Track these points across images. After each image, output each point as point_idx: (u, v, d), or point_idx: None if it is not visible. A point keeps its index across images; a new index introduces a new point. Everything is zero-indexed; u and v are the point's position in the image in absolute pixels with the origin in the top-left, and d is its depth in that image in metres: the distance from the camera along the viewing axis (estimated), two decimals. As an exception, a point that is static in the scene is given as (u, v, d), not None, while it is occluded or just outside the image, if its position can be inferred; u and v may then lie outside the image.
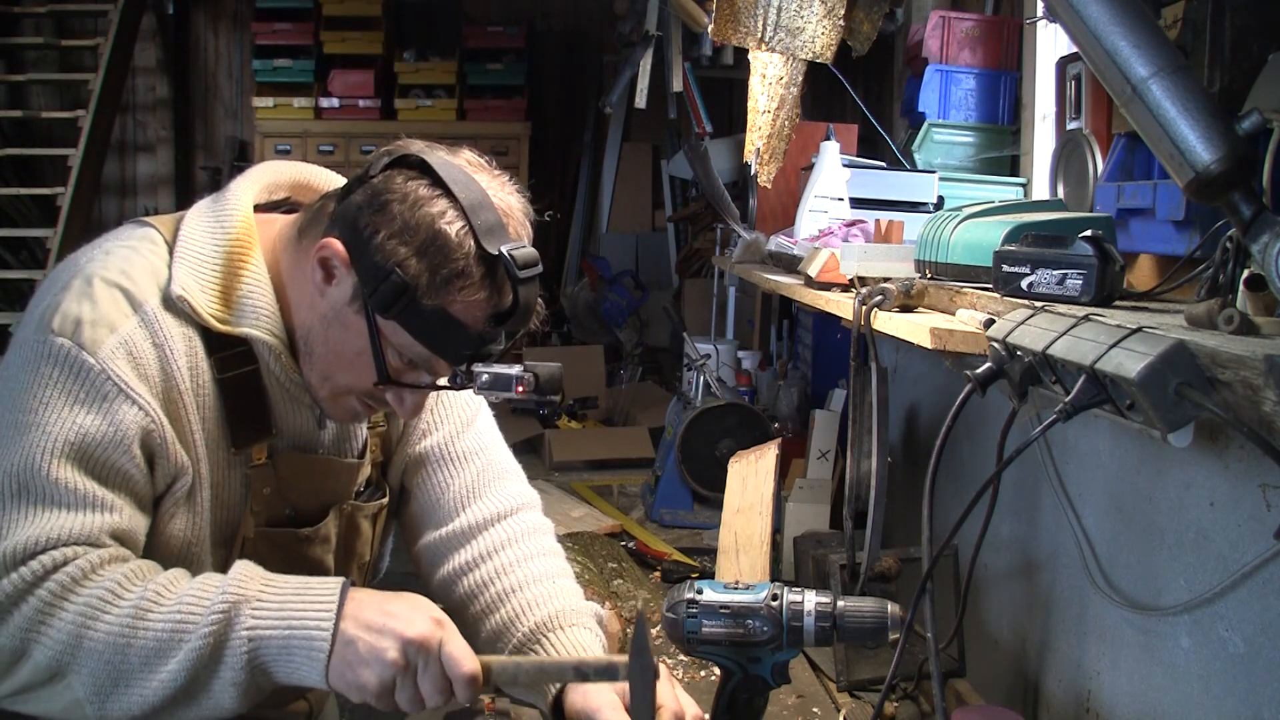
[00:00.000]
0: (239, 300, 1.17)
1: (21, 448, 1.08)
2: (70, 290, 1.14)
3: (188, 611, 1.05)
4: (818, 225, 2.17)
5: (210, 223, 1.20)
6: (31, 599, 1.04)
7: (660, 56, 3.53)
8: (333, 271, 1.15)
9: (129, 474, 1.12)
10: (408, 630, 1.06)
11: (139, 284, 1.15)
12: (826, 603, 1.25)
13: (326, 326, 1.17)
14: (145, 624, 1.05)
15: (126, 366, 1.11)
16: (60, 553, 1.06)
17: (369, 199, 1.13)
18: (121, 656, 1.04)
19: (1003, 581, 1.63)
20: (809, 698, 1.64)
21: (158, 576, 1.09)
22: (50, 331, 1.10)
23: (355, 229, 1.12)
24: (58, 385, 1.10)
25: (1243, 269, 1.03)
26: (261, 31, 5.20)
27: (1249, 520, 1.03)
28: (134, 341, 1.12)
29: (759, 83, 2.40)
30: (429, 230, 1.10)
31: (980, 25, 2.46)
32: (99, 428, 1.10)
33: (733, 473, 2.04)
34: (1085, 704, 1.36)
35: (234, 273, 1.17)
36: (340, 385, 1.20)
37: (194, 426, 1.17)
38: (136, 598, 1.06)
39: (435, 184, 1.13)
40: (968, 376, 1.17)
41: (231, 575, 1.09)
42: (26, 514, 1.07)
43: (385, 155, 1.17)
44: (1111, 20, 1.02)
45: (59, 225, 4.83)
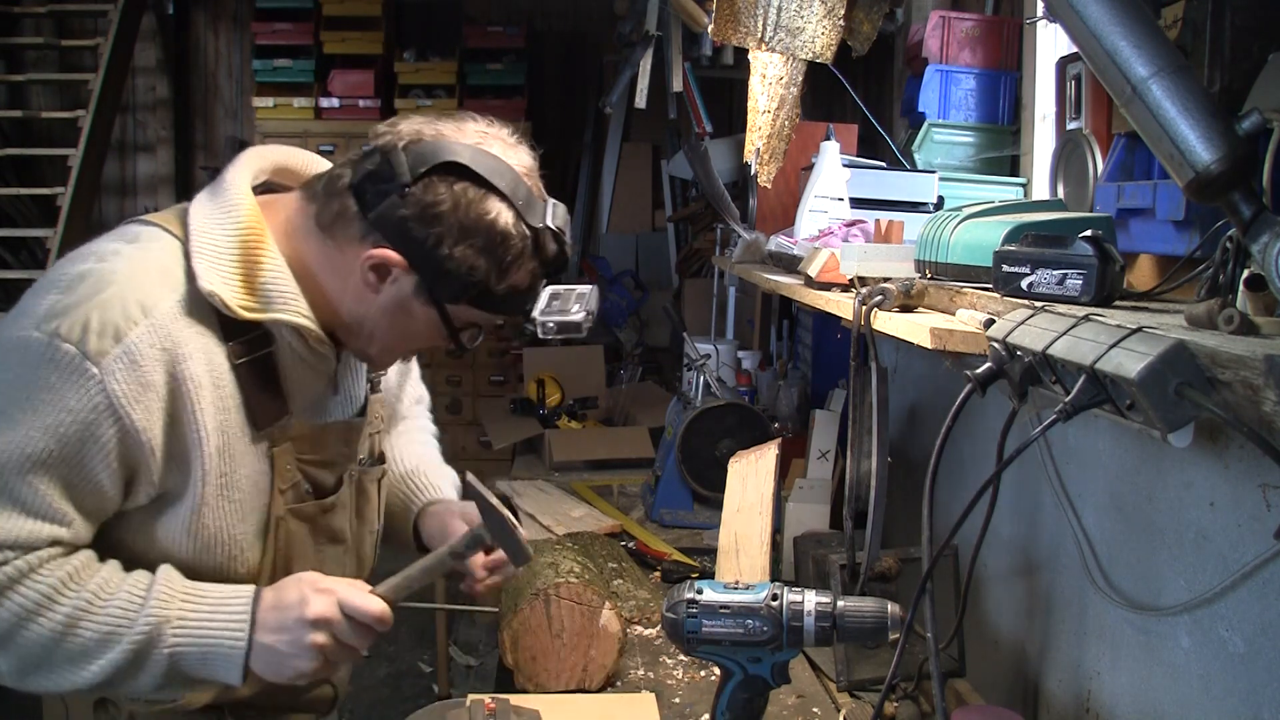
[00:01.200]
0: (263, 287, 1.20)
1: (7, 443, 1.10)
2: (77, 292, 1.14)
3: (115, 624, 1.14)
4: (818, 225, 2.17)
5: (219, 215, 1.22)
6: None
7: (660, 56, 3.53)
8: (387, 275, 1.21)
9: (100, 486, 1.15)
10: (308, 612, 1.17)
11: (149, 287, 1.16)
12: (826, 603, 1.25)
13: (389, 315, 1.25)
14: (75, 631, 1.13)
15: (128, 378, 1.13)
16: (3, 555, 1.11)
17: (419, 211, 1.18)
18: (49, 654, 1.13)
19: (1003, 581, 1.63)
20: (809, 698, 1.64)
21: (91, 581, 1.15)
22: (58, 336, 1.11)
23: (411, 239, 1.19)
24: (54, 391, 1.11)
25: (1243, 269, 1.03)
26: (261, 31, 5.20)
27: (1249, 520, 1.03)
28: (139, 349, 1.13)
29: (759, 83, 2.40)
30: (488, 229, 1.19)
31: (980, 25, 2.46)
32: (82, 440, 1.12)
33: (733, 473, 2.04)
34: (1085, 704, 1.36)
35: (253, 261, 1.20)
36: (405, 351, 1.35)
37: (208, 422, 1.19)
38: (70, 606, 1.13)
39: (477, 183, 1.19)
40: (968, 376, 1.17)
41: (155, 592, 1.16)
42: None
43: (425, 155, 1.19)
44: (1111, 20, 1.02)
45: (59, 225, 4.83)
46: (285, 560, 1.28)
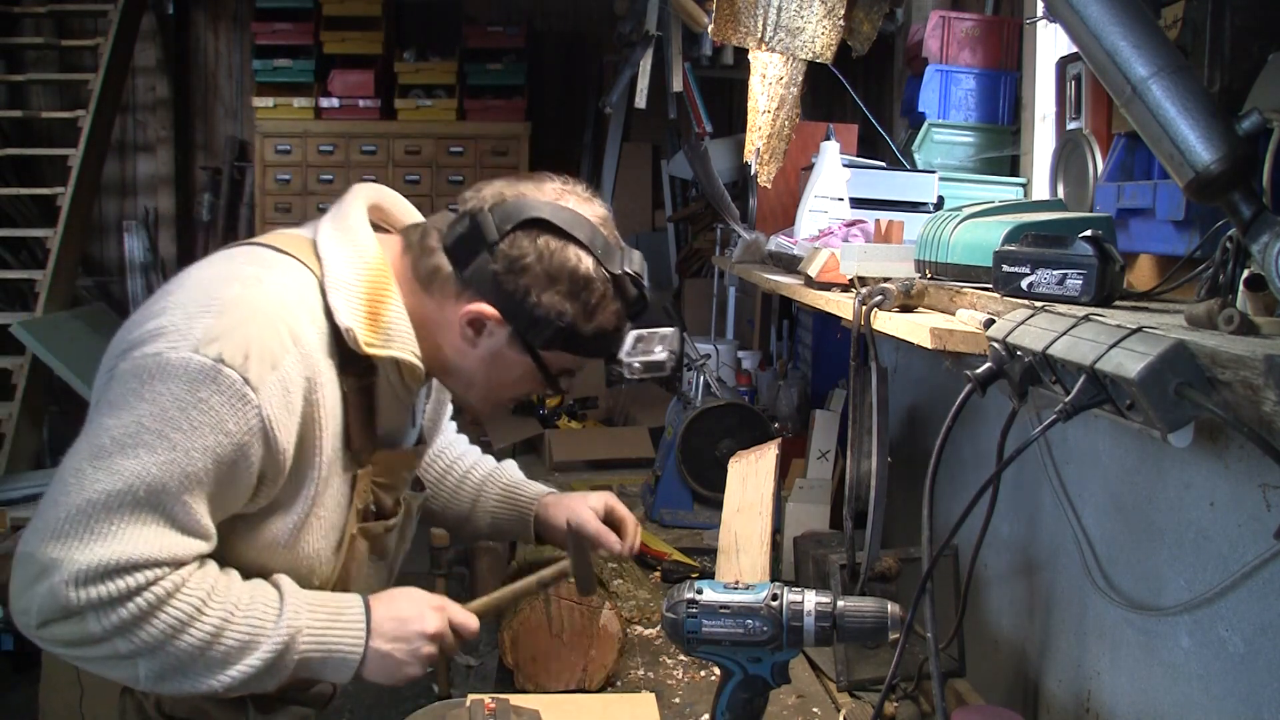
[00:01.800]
0: (386, 326, 1.30)
1: (161, 462, 1.15)
2: (233, 317, 1.20)
3: (254, 634, 1.22)
4: (818, 225, 2.17)
5: (348, 251, 1.32)
6: (130, 605, 1.15)
7: (660, 56, 3.53)
8: (483, 328, 1.33)
9: (237, 499, 1.23)
10: (427, 628, 1.33)
11: (297, 318, 1.24)
12: (826, 603, 1.25)
13: (487, 366, 1.37)
14: (219, 641, 1.20)
15: (279, 404, 1.21)
16: (161, 570, 1.17)
17: (508, 266, 1.29)
18: (193, 662, 1.20)
19: (1003, 581, 1.63)
20: (809, 698, 1.64)
21: (229, 593, 1.22)
22: (222, 361, 1.17)
23: (502, 292, 1.30)
24: (214, 414, 1.17)
25: (1243, 269, 1.03)
26: (261, 31, 5.20)
27: (1249, 520, 1.03)
28: (290, 377, 1.22)
29: (759, 83, 2.40)
30: (571, 275, 1.30)
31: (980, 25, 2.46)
32: (234, 461, 1.19)
33: (733, 473, 2.04)
34: (1085, 704, 1.36)
35: (379, 300, 1.30)
36: (504, 399, 1.44)
37: (325, 445, 1.28)
38: (217, 618, 1.20)
39: (558, 235, 1.30)
40: (968, 376, 1.17)
41: (288, 603, 1.25)
42: (143, 526, 1.15)
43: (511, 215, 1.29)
44: (1111, 20, 1.02)
45: (59, 225, 4.83)
46: (345, 574, 1.38)
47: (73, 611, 1.14)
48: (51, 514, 1.14)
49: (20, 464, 4.56)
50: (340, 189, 1.50)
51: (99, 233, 5.62)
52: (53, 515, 1.14)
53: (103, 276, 5.65)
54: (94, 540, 1.13)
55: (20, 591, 1.15)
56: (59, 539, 1.13)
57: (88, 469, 1.15)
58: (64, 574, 1.12)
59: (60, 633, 1.16)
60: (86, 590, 1.13)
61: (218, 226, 5.64)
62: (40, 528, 1.15)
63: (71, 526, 1.13)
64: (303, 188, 5.20)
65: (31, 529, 1.16)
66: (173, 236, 5.63)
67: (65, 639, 1.16)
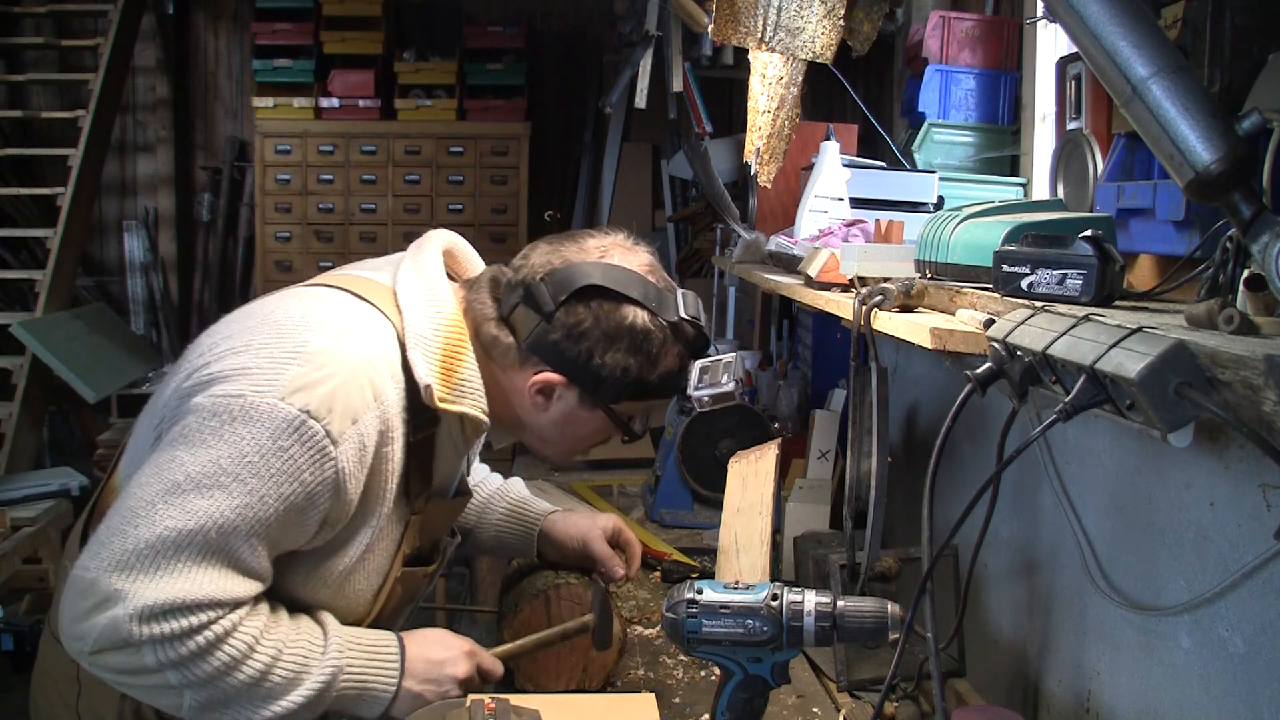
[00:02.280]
0: (459, 383, 1.32)
1: (235, 506, 1.16)
2: (320, 369, 1.21)
3: (299, 670, 1.24)
4: (818, 225, 2.17)
5: (426, 306, 1.34)
6: (190, 643, 1.16)
7: (660, 56, 3.53)
8: (552, 394, 1.37)
9: (298, 541, 1.25)
10: (459, 672, 1.36)
11: (380, 374, 1.26)
12: (826, 603, 1.25)
13: (560, 426, 1.41)
14: (268, 677, 1.21)
15: (354, 458, 1.23)
16: (221, 611, 1.18)
17: (566, 333, 1.33)
18: (241, 696, 1.21)
19: (1003, 581, 1.63)
20: (809, 698, 1.64)
21: (277, 629, 1.24)
22: (309, 413, 1.18)
23: (565, 358, 1.34)
24: (293, 463, 1.18)
25: (1243, 269, 1.03)
26: (261, 31, 5.19)
27: (1249, 520, 1.03)
28: (367, 432, 1.24)
29: (759, 83, 2.40)
30: (630, 333, 1.33)
31: (980, 25, 2.46)
32: (304, 509, 1.21)
33: (733, 473, 2.04)
34: (1085, 704, 1.36)
35: (454, 357, 1.33)
36: (580, 449, 1.49)
37: (388, 494, 1.31)
38: (268, 656, 1.21)
39: (611, 297, 1.33)
40: (968, 376, 1.17)
41: (331, 641, 1.27)
42: (209, 567, 1.17)
43: (564, 284, 1.33)
44: (1111, 20, 1.02)
45: (59, 225, 4.83)
46: (380, 614, 1.40)
47: (132, 644, 1.14)
48: (119, 544, 1.14)
49: (20, 464, 4.56)
50: (340, 189, 1.51)
51: (99, 233, 5.63)
52: (120, 545, 1.14)
53: (103, 276, 5.65)
54: (161, 577, 1.14)
55: (77, 618, 1.15)
56: (125, 571, 1.13)
57: (160, 504, 1.15)
58: (129, 608, 1.13)
59: (114, 661, 1.16)
60: (149, 626, 1.14)
61: (218, 226, 5.64)
62: (105, 556, 1.14)
63: (139, 560, 1.14)
64: (303, 188, 5.20)
65: (93, 555, 1.15)
66: (173, 236, 5.63)
67: (118, 667, 1.17)
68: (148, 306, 5.63)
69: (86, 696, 1.37)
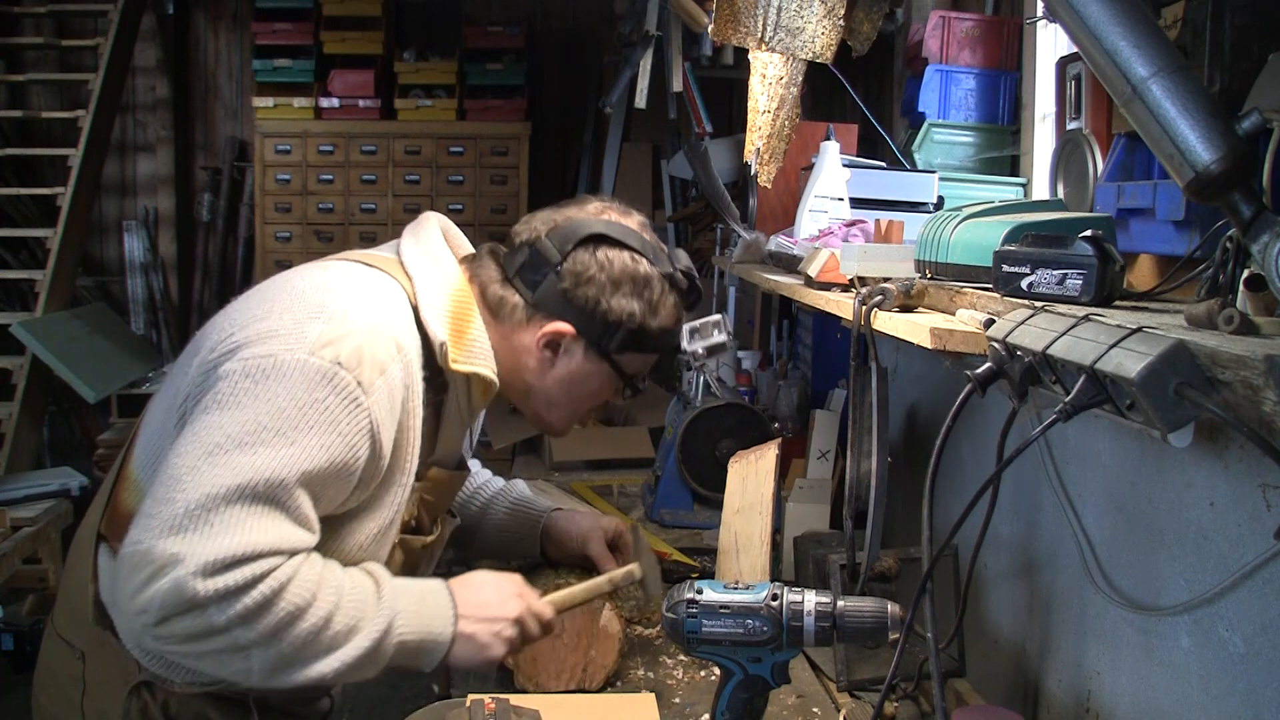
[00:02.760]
0: (469, 344, 1.37)
1: (279, 458, 1.17)
2: (345, 324, 1.25)
3: (358, 618, 1.25)
4: (818, 225, 2.17)
5: (435, 273, 1.39)
6: (253, 593, 1.16)
7: (660, 56, 3.53)
8: (559, 346, 1.42)
9: (340, 496, 1.27)
10: (510, 612, 1.39)
11: (401, 329, 1.31)
12: (826, 603, 1.25)
13: (566, 384, 1.45)
14: (329, 626, 1.22)
15: (385, 408, 1.26)
16: (279, 559, 1.19)
17: (575, 281, 1.39)
18: (307, 648, 1.21)
19: (1003, 581, 1.63)
20: (809, 698, 1.64)
21: (333, 579, 1.25)
22: (339, 364, 1.22)
23: (573, 306, 1.40)
24: (330, 414, 1.21)
25: (1243, 269, 1.03)
26: (261, 31, 5.19)
27: (1249, 520, 1.03)
28: (394, 384, 1.28)
29: (759, 83, 2.40)
30: (633, 278, 1.40)
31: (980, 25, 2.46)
32: (344, 462, 1.23)
33: (733, 473, 2.04)
34: (1085, 704, 1.36)
35: (463, 319, 1.38)
36: (583, 413, 1.53)
37: (414, 450, 1.34)
38: (329, 604, 1.22)
39: (614, 244, 1.40)
40: (968, 376, 1.17)
41: (384, 588, 1.29)
42: (262, 518, 1.17)
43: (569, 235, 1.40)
44: (1111, 20, 1.02)
45: (59, 225, 4.82)
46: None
47: (197, 604, 1.13)
48: (167, 510, 1.14)
49: (20, 464, 4.56)
50: (340, 189, 1.55)
51: (99, 233, 5.62)
52: (169, 512, 1.14)
53: (103, 276, 5.65)
54: (216, 533, 1.14)
55: (135, 591, 1.14)
56: (179, 533, 1.13)
57: (203, 466, 1.16)
58: (189, 567, 1.12)
59: (181, 628, 1.15)
60: (212, 581, 1.13)
61: (218, 226, 5.64)
62: (155, 525, 1.14)
63: (191, 521, 1.14)
64: (303, 188, 5.20)
65: (142, 528, 1.15)
66: (173, 236, 5.63)
67: (186, 633, 1.15)
68: (148, 306, 5.63)
69: (91, 695, 1.37)
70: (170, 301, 5.62)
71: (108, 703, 1.36)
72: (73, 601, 1.41)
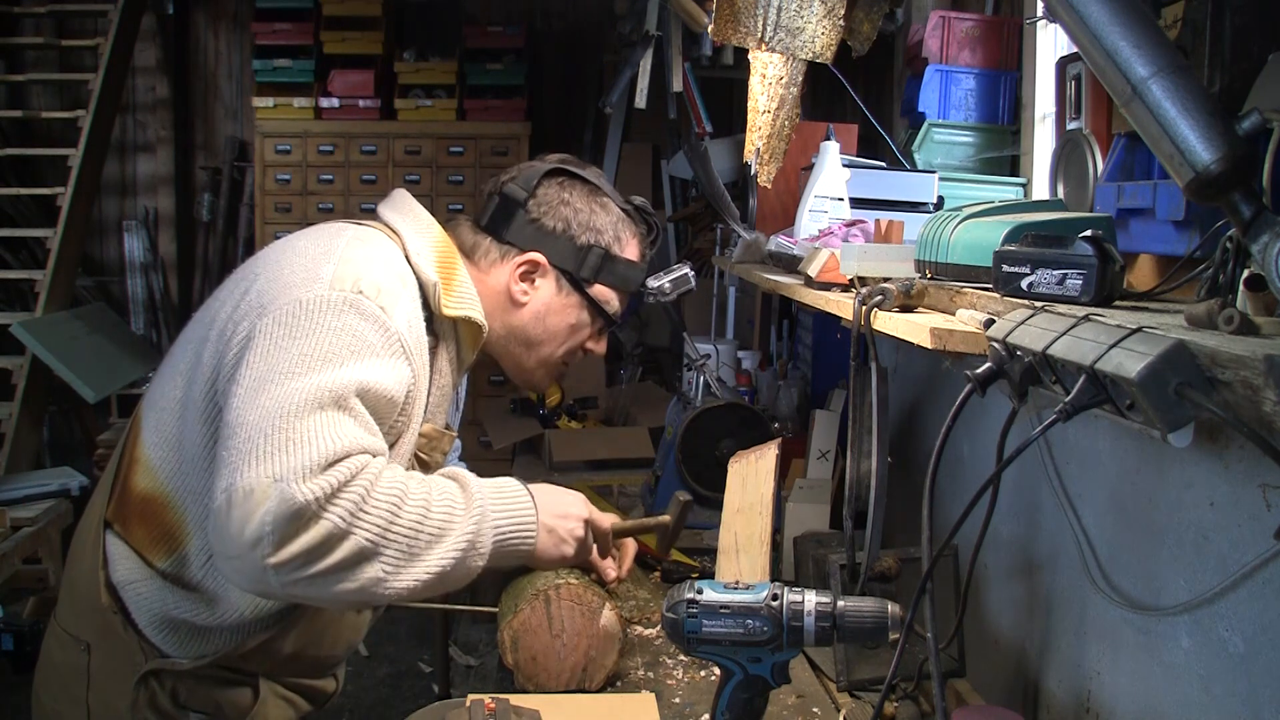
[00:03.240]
0: (458, 290, 1.44)
1: (334, 376, 1.22)
2: (354, 263, 1.31)
3: (451, 506, 1.27)
4: (818, 225, 2.17)
5: (419, 229, 1.46)
6: (354, 488, 1.18)
7: (660, 56, 3.53)
8: (534, 277, 1.50)
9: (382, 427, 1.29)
10: (580, 512, 1.48)
11: (401, 272, 1.37)
12: (826, 603, 1.25)
13: (541, 319, 1.52)
14: (429, 517, 1.24)
15: (406, 331, 1.33)
16: (366, 456, 1.21)
17: (542, 212, 1.50)
18: (416, 542, 1.22)
19: (1003, 581, 1.63)
20: (809, 698, 1.64)
21: (416, 476, 1.28)
22: (359, 292, 1.28)
23: (545, 234, 1.50)
24: (361, 336, 1.26)
25: (1243, 269, 1.03)
26: (261, 31, 5.19)
27: (1249, 520, 1.03)
28: (410, 313, 1.35)
29: (759, 83, 2.40)
30: (599, 205, 1.52)
31: (980, 25, 2.46)
32: (389, 384, 1.28)
33: (733, 473, 2.04)
34: (1085, 704, 1.36)
35: (449, 268, 1.44)
36: (560, 355, 1.57)
37: (421, 394, 1.39)
38: (420, 494, 1.25)
39: (577, 179, 1.53)
40: (968, 376, 1.17)
41: (468, 483, 1.33)
42: (337, 424, 1.20)
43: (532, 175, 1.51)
44: (1111, 20, 1.02)
45: (59, 225, 4.83)
46: None
47: (308, 512, 1.14)
48: (245, 448, 1.16)
49: (20, 464, 4.56)
50: (340, 189, 1.60)
51: (99, 233, 5.62)
52: (245, 451, 1.16)
53: (103, 276, 5.65)
54: (301, 446, 1.16)
55: (243, 525, 1.13)
56: (266, 460, 1.15)
57: (265, 401, 1.18)
58: (289, 479, 1.13)
59: (299, 546, 1.13)
60: (312, 485, 1.14)
61: (217, 226, 5.64)
62: (239, 464, 1.15)
63: (273, 446, 1.16)
64: (303, 188, 5.20)
65: (228, 473, 1.16)
66: (173, 236, 5.63)
67: (305, 551, 1.14)
68: (148, 306, 5.63)
69: (97, 688, 1.38)
70: (170, 301, 5.62)
71: (114, 694, 1.37)
72: (77, 594, 1.42)
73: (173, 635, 1.38)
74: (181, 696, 1.39)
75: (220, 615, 1.37)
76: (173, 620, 1.37)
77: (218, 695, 1.41)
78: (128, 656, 1.38)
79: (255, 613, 1.38)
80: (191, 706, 1.40)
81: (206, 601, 1.37)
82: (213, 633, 1.38)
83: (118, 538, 1.39)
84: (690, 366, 2.81)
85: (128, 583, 1.38)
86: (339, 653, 1.57)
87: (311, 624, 1.46)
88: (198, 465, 1.34)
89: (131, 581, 1.38)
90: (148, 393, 1.45)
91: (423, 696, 3.68)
